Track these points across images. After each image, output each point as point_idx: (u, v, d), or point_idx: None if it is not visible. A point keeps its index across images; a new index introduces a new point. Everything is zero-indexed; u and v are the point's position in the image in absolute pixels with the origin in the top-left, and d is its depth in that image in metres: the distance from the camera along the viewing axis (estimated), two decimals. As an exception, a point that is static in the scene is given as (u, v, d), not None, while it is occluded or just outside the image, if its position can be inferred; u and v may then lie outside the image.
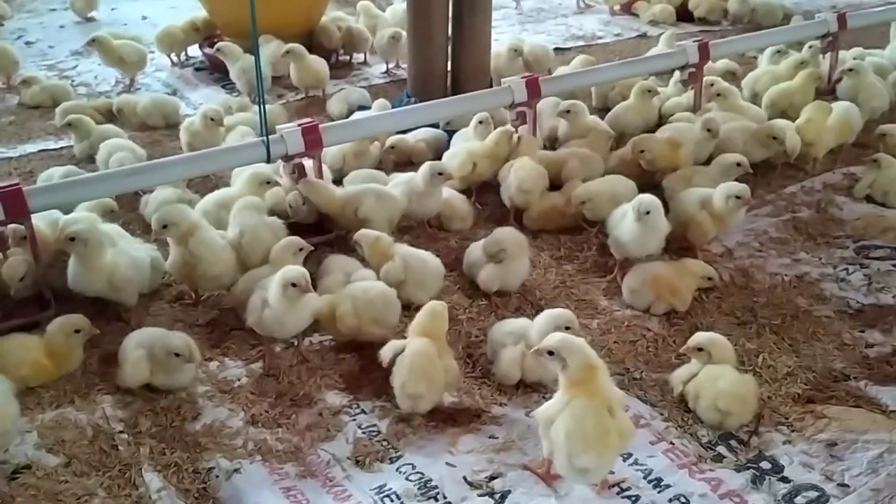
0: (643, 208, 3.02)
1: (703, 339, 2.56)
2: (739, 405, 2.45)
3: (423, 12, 4.45)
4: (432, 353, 2.47)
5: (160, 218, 2.93)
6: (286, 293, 2.61)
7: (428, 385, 2.44)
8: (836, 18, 4.81)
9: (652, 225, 3.06)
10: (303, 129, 3.22)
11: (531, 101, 3.77)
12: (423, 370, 2.44)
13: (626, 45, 6.64)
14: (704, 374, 2.51)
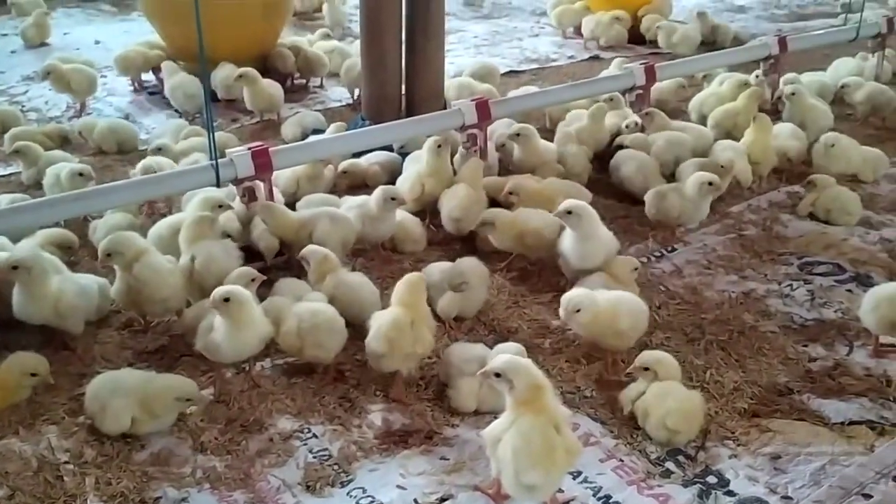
0: (564, 209, 3.07)
1: (649, 359, 2.60)
2: (687, 423, 2.50)
3: (377, 37, 4.49)
4: (402, 321, 2.64)
5: (105, 247, 2.91)
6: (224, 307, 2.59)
7: (390, 349, 2.61)
8: (777, 42, 4.96)
9: (587, 233, 3.09)
10: (252, 152, 3.22)
11: (481, 124, 3.82)
12: (388, 336, 2.61)
13: (579, 67, 6.76)
14: (652, 392, 2.54)
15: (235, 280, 2.85)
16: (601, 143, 4.39)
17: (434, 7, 4.51)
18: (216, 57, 5.38)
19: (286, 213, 3.32)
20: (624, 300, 2.81)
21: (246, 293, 2.64)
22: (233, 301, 2.59)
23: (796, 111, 4.68)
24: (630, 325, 2.77)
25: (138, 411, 2.48)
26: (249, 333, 2.63)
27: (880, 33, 5.63)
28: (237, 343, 2.62)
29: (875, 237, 3.79)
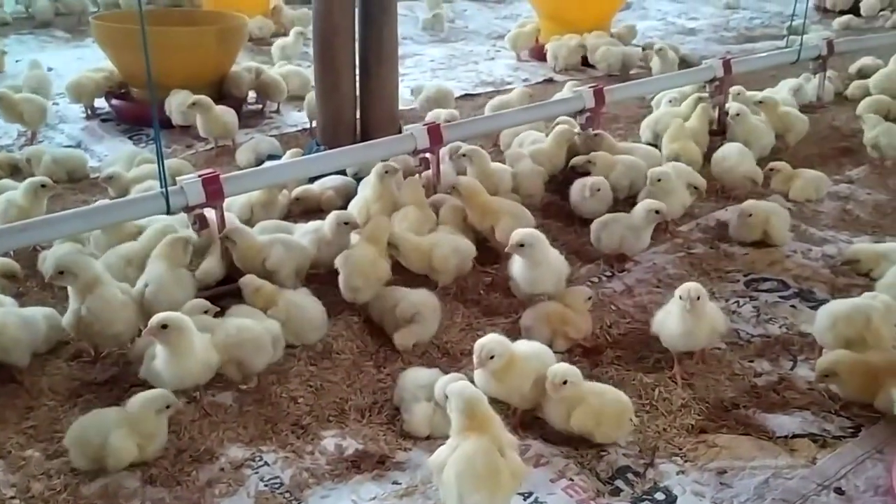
0: (516, 242, 3.10)
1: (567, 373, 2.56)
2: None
3: (330, 62, 4.52)
4: (371, 255, 3.19)
5: (57, 264, 2.87)
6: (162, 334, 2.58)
7: (364, 280, 3.12)
8: (721, 64, 5.10)
9: (537, 260, 3.13)
10: (203, 179, 3.21)
11: (433, 147, 3.86)
12: (361, 268, 3.13)
13: (533, 89, 6.84)
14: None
15: (189, 312, 2.83)
16: (557, 166, 4.46)
17: (387, 32, 4.56)
18: (171, 83, 5.39)
19: (253, 237, 3.33)
20: (540, 357, 2.68)
21: (185, 320, 2.62)
22: (171, 328, 2.56)
23: (740, 131, 4.80)
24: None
25: (137, 437, 2.45)
26: (190, 361, 2.61)
27: (821, 55, 5.82)
28: (178, 370, 2.60)
29: (818, 254, 3.90)
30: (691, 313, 2.78)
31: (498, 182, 3.98)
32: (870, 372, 2.68)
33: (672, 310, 2.88)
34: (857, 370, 2.69)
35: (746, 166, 4.46)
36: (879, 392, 2.64)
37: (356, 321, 3.26)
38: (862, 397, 2.70)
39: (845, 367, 2.71)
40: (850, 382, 2.70)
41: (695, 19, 10.69)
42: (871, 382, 2.66)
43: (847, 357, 2.75)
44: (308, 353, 3.06)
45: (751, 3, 11.80)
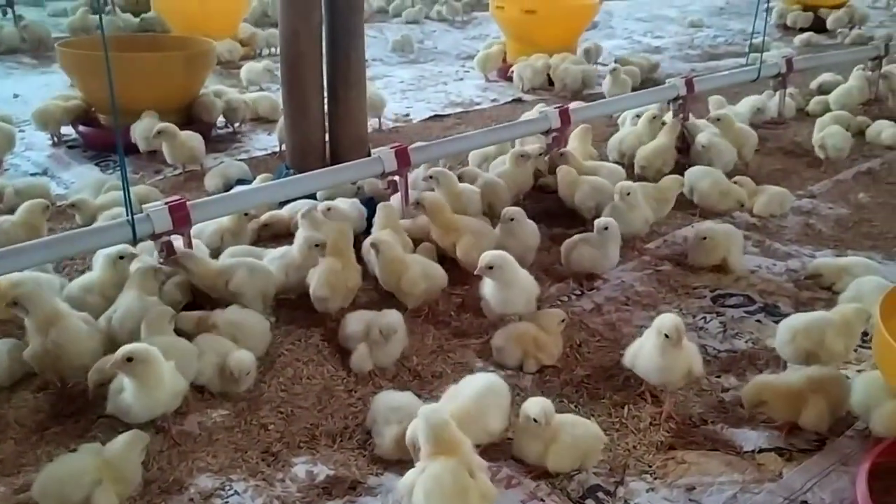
0: (485, 265, 3.13)
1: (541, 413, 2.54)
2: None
3: (298, 87, 4.53)
4: (337, 268, 3.29)
5: (14, 295, 2.85)
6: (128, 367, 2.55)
7: (332, 291, 3.26)
8: (684, 83, 5.20)
9: (507, 280, 3.16)
10: (170, 206, 3.20)
11: (401, 170, 3.88)
12: (329, 281, 3.25)
13: (501, 109, 6.94)
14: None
15: (156, 321, 2.89)
16: (522, 188, 4.51)
17: (354, 56, 4.58)
18: (138, 109, 5.38)
19: (207, 261, 3.32)
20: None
21: (152, 350, 2.59)
22: (137, 360, 2.54)
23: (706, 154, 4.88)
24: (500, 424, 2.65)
25: (117, 485, 2.39)
26: (160, 392, 2.59)
27: (780, 73, 5.94)
28: (148, 402, 2.58)
29: (782, 268, 3.97)
30: (672, 348, 2.74)
31: (466, 202, 4.01)
32: (792, 393, 2.69)
33: (647, 344, 2.84)
34: (781, 393, 2.71)
35: (728, 187, 4.55)
36: (803, 410, 2.67)
37: (327, 346, 3.26)
38: (793, 418, 2.71)
39: (770, 394, 2.72)
40: (778, 407, 2.71)
41: (660, 38, 10.87)
42: (796, 403, 2.68)
43: (769, 382, 2.76)
44: (278, 378, 3.06)
45: (714, 21, 12.04)
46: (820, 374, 2.75)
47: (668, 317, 2.79)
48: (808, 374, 2.76)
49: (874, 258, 4.00)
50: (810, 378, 2.72)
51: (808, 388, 2.68)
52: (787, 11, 11.17)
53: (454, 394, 2.64)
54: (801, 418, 2.68)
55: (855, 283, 3.48)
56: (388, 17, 12.28)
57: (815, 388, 2.68)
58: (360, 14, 4.62)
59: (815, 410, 2.65)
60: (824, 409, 2.66)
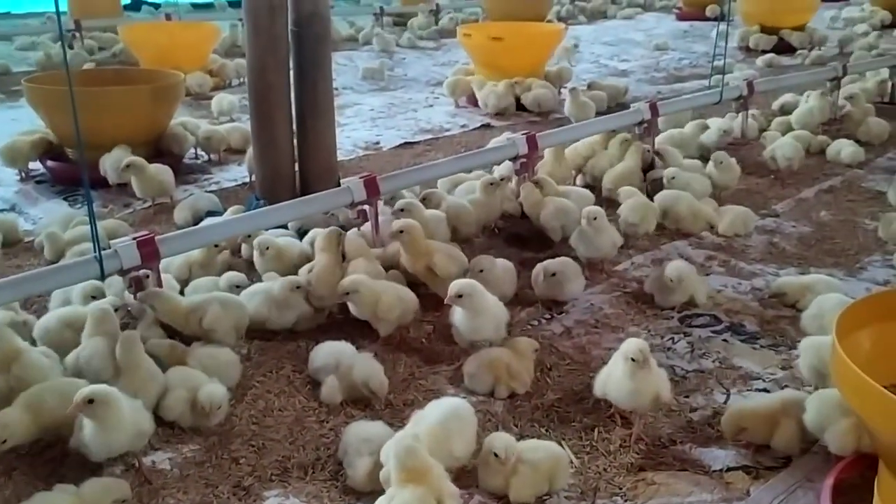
0: (454, 294, 3.16)
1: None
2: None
3: (266, 118, 4.57)
4: (333, 265, 3.57)
5: None
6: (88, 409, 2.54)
7: (329, 290, 3.45)
8: (648, 107, 5.30)
9: (476, 309, 3.19)
10: (137, 241, 3.20)
11: (371, 199, 3.91)
12: (325, 280, 3.49)
13: (471, 136, 7.01)
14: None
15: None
16: (492, 215, 4.56)
17: (321, 87, 4.63)
18: (106, 143, 5.37)
19: (174, 299, 3.31)
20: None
21: (113, 392, 2.57)
22: (97, 402, 2.52)
23: None
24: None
25: None
26: (118, 433, 2.56)
27: (742, 95, 6.08)
28: (107, 441, 2.56)
29: (747, 287, 4.04)
30: (640, 371, 2.77)
31: (434, 230, 4.04)
32: (767, 416, 2.74)
33: (615, 370, 2.86)
34: (759, 417, 2.75)
35: (699, 209, 4.63)
36: (775, 432, 2.72)
37: (298, 377, 3.26)
38: (767, 441, 2.76)
39: (748, 420, 2.76)
40: (758, 431, 2.75)
41: (626, 61, 11.05)
42: (770, 426, 2.73)
43: (747, 409, 2.80)
44: (250, 411, 3.05)
45: (679, 44, 12.27)
46: (793, 398, 2.78)
47: (633, 341, 2.83)
48: (781, 397, 2.81)
49: (836, 275, 4.09)
50: (784, 401, 2.76)
51: (780, 411, 2.72)
52: (749, 34, 11.41)
53: (419, 418, 2.66)
54: (773, 440, 2.72)
55: (817, 301, 3.55)
56: (358, 45, 12.37)
57: (787, 412, 2.71)
58: (327, 44, 4.68)
59: (787, 433, 2.69)
60: (795, 432, 2.69)
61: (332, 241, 3.68)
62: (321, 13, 4.53)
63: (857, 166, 5.89)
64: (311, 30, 4.52)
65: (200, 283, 3.63)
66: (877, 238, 4.58)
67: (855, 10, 14.27)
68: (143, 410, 2.71)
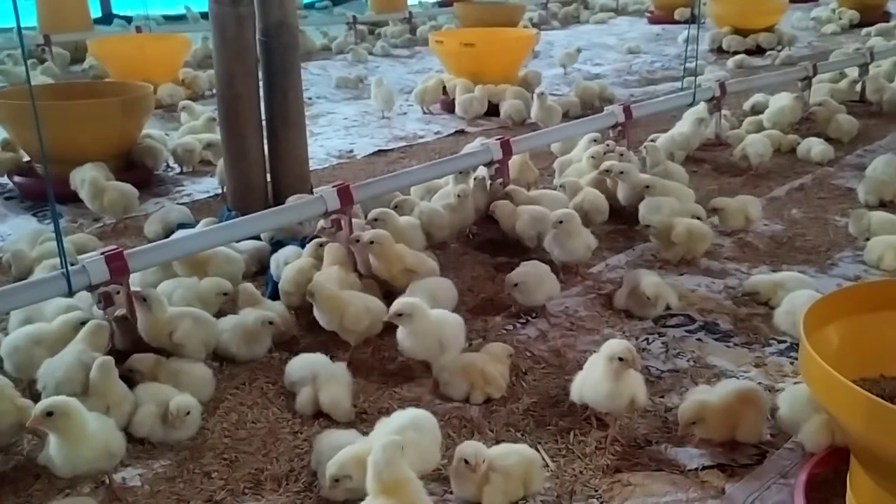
0: (395, 312, 3.11)
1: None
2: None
3: (236, 129, 4.54)
4: (307, 268, 3.68)
5: None
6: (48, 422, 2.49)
7: (296, 289, 3.62)
8: (622, 110, 5.32)
9: (416, 330, 3.11)
10: (106, 257, 3.16)
11: (345, 209, 3.89)
12: (293, 279, 3.66)
13: (445, 142, 7.01)
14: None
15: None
16: (466, 221, 4.54)
17: (292, 96, 4.61)
18: (75, 157, 5.29)
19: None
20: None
21: (73, 404, 2.52)
22: (57, 414, 2.46)
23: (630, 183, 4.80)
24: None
25: None
26: (83, 448, 2.50)
27: (714, 96, 6.12)
28: (71, 457, 2.50)
29: (720, 286, 4.06)
30: (624, 372, 2.75)
31: (409, 238, 4.03)
32: (725, 409, 2.73)
33: (592, 374, 2.85)
34: (717, 410, 2.73)
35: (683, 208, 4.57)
36: (738, 424, 2.71)
37: (272, 388, 3.23)
38: (726, 435, 2.75)
39: (708, 411, 2.73)
40: (714, 424, 2.73)
41: (599, 65, 11.10)
42: (729, 419, 2.73)
43: (705, 401, 2.77)
44: (222, 424, 3.02)
45: (651, 47, 12.35)
46: (746, 387, 2.81)
47: (618, 342, 2.84)
48: (734, 388, 2.80)
49: (808, 272, 4.12)
50: (739, 392, 2.77)
51: (738, 402, 2.73)
52: (720, 36, 11.52)
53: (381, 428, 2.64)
54: (738, 433, 2.72)
55: (789, 298, 3.58)
56: (331, 54, 12.35)
57: (745, 401, 2.73)
58: (296, 53, 4.66)
59: (750, 422, 2.71)
60: (758, 420, 2.72)
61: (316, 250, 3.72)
62: (289, 23, 4.51)
63: (827, 164, 5.95)
64: (280, 40, 4.50)
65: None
66: (847, 234, 4.62)
67: (824, 10, 14.43)
68: (114, 430, 2.66)
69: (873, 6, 13.94)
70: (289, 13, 4.50)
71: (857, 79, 7.72)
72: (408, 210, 4.32)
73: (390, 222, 3.99)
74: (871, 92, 7.49)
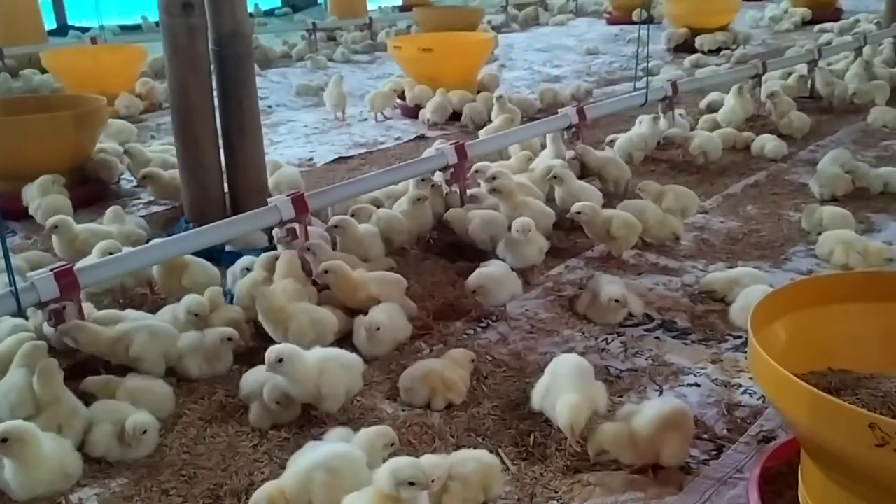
0: (272, 357, 2.94)
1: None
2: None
3: (191, 139, 4.49)
4: (259, 281, 3.61)
5: None
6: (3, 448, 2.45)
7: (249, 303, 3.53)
8: (576, 112, 5.37)
9: (293, 373, 2.93)
10: (56, 272, 3.11)
11: (300, 217, 3.87)
12: (246, 293, 3.62)
13: (405, 147, 7.00)
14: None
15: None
16: (424, 227, 4.55)
17: (247, 105, 4.57)
18: (28, 172, 5.21)
19: (97, 330, 3.22)
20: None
21: (29, 428, 2.48)
22: (12, 440, 2.42)
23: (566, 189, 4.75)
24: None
25: None
26: (40, 472, 2.47)
27: (667, 96, 6.20)
28: (29, 480, 2.46)
29: (677, 284, 4.11)
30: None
31: (369, 247, 4.02)
32: (646, 437, 2.65)
33: (554, 389, 2.83)
34: (623, 438, 2.68)
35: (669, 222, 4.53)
36: (662, 447, 2.62)
37: (231, 401, 3.20)
38: (638, 460, 2.69)
39: (611, 442, 2.68)
40: (623, 451, 2.68)
41: (559, 66, 11.18)
42: (651, 446, 2.64)
43: (609, 430, 2.71)
44: (180, 440, 2.98)
45: (609, 48, 12.47)
46: (670, 411, 2.70)
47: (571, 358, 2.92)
48: (657, 414, 2.68)
49: (763, 267, 4.19)
50: (662, 418, 2.66)
51: (660, 429, 2.63)
52: (676, 35, 11.66)
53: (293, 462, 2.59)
54: (662, 458, 2.65)
55: (744, 293, 3.63)
56: (291, 61, 12.28)
57: (667, 427, 2.64)
58: (250, 62, 4.63)
59: (673, 446, 2.63)
60: (681, 443, 2.66)
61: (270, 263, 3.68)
62: (242, 31, 4.48)
63: (780, 160, 6.06)
64: (233, 49, 4.47)
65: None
66: (800, 229, 4.71)
67: (776, 9, 14.68)
68: (70, 451, 2.62)
69: (825, 3, 14.23)
70: (241, 22, 4.47)
71: (806, 75, 7.87)
72: (365, 218, 4.31)
73: (350, 230, 3.98)
74: (823, 86, 7.63)
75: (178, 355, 3.31)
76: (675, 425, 2.66)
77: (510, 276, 3.81)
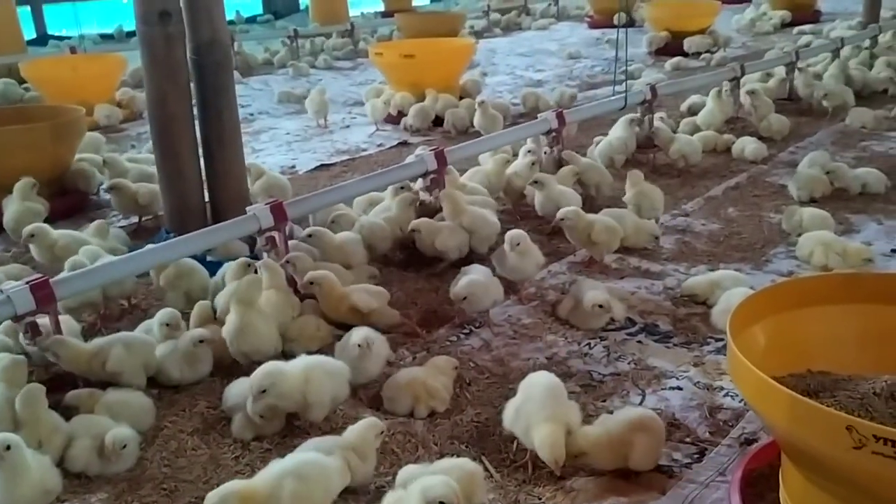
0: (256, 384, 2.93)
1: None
2: None
3: (170, 149, 4.46)
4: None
5: None
6: None
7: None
8: (555, 116, 5.38)
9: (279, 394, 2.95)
10: (31, 285, 3.08)
11: (279, 226, 3.85)
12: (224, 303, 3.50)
13: (388, 154, 7.00)
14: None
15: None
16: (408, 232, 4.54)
17: (226, 115, 4.54)
18: (7, 183, 5.16)
19: (75, 344, 3.19)
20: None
21: (12, 439, 2.47)
22: (13, 448, 2.44)
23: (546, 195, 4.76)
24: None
25: None
26: (21, 485, 2.47)
27: (646, 99, 6.23)
28: (9, 496, 2.45)
29: (659, 287, 4.12)
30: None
31: (350, 254, 4.01)
32: (616, 440, 2.66)
33: (525, 414, 2.75)
34: (603, 442, 2.68)
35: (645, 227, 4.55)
36: (630, 451, 2.63)
37: (213, 413, 3.18)
38: (615, 464, 2.68)
39: (590, 445, 2.68)
40: (601, 455, 2.67)
41: (541, 71, 11.22)
42: (620, 448, 2.65)
43: (590, 434, 2.71)
44: (161, 453, 2.95)
45: (592, 51, 12.52)
46: (639, 416, 2.72)
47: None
48: (626, 418, 2.71)
49: (744, 269, 4.21)
50: (630, 421, 2.68)
51: (629, 431, 2.65)
52: (657, 38, 11.72)
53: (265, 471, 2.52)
54: (631, 461, 2.65)
55: (725, 296, 3.65)
56: (273, 69, 12.26)
57: (637, 429, 2.65)
58: (230, 71, 4.61)
59: (642, 449, 2.63)
60: (651, 447, 2.66)
61: (241, 271, 3.65)
62: (220, 40, 4.46)
63: (761, 162, 6.09)
64: (212, 58, 4.44)
65: None
66: (781, 231, 4.73)
67: (755, 11, 14.79)
68: (50, 467, 2.62)
69: (804, 5, 14.36)
70: (219, 30, 4.44)
71: (785, 77, 7.93)
72: (346, 225, 4.29)
73: (325, 239, 3.96)
74: (803, 87, 7.69)
75: (158, 364, 3.29)
76: (642, 427, 2.66)
77: (493, 282, 3.81)
